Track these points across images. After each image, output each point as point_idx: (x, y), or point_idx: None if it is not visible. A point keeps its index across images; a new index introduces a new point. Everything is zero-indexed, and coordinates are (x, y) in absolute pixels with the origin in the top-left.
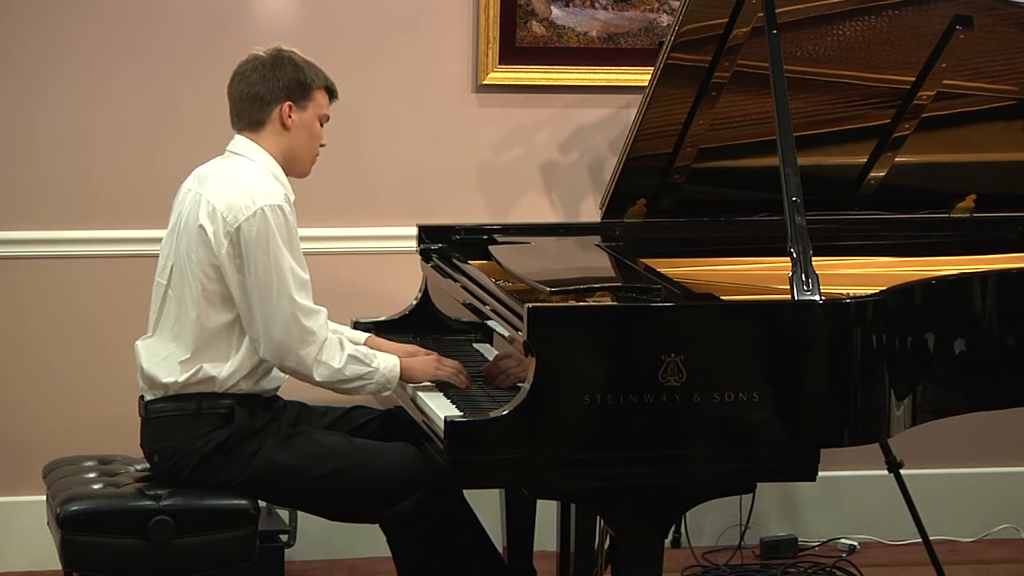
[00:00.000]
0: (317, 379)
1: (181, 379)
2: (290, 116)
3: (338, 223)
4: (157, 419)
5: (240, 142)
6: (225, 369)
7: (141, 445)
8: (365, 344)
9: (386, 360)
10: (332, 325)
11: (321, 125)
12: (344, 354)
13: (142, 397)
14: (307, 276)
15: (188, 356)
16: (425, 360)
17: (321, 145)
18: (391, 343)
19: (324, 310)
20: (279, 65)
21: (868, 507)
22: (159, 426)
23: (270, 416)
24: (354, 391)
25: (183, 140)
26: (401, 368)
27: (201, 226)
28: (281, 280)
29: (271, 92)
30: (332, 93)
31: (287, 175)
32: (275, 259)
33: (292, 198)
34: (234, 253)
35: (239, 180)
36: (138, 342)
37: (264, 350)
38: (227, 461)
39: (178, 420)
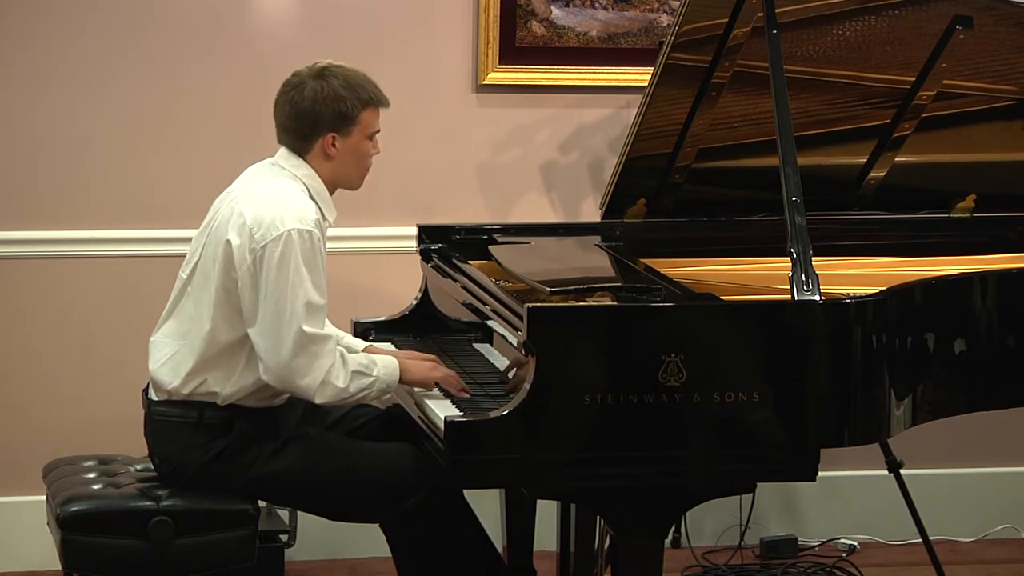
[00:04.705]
0: (319, 401)
1: (185, 390)
2: (333, 146)
3: (338, 223)
4: (159, 421)
5: (285, 156)
6: (229, 387)
7: (145, 435)
8: (363, 352)
9: (385, 365)
10: (331, 329)
11: (371, 138)
12: (348, 372)
13: (146, 391)
14: (323, 302)
15: (197, 366)
16: (420, 364)
17: (374, 153)
18: (389, 349)
19: (332, 336)
20: (320, 99)
21: (868, 507)
22: (160, 428)
23: (270, 420)
24: (357, 403)
25: (183, 140)
26: (400, 370)
27: (228, 240)
28: (293, 308)
29: (312, 128)
30: (377, 104)
31: (335, 189)
32: (292, 285)
33: (333, 215)
34: (254, 270)
35: (274, 197)
36: (153, 337)
37: (267, 373)
38: (226, 469)
39: (179, 427)
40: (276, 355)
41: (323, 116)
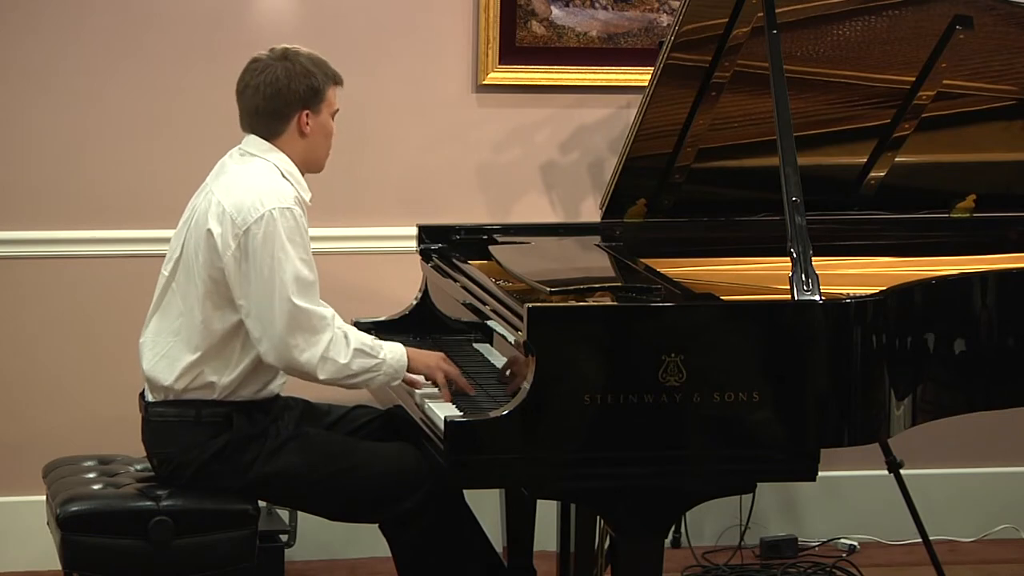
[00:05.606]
0: (321, 377)
1: (181, 384)
2: (307, 124)
3: (338, 223)
4: (157, 422)
5: (254, 142)
6: (226, 376)
7: (143, 440)
8: None
9: (393, 349)
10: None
11: (333, 116)
12: (350, 349)
13: (142, 394)
14: (314, 277)
15: (194, 359)
16: (430, 354)
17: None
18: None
19: (329, 310)
20: (292, 77)
21: (868, 507)
22: (158, 429)
23: (269, 419)
24: (362, 385)
25: (183, 140)
26: (408, 357)
27: (209, 230)
28: (283, 284)
29: (288, 106)
30: (339, 82)
31: (305, 172)
32: (279, 263)
33: (308, 196)
34: (240, 256)
35: (250, 181)
36: (142, 339)
37: (266, 353)
38: (226, 469)
39: (177, 426)
40: (271, 333)
41: (297, 93)
